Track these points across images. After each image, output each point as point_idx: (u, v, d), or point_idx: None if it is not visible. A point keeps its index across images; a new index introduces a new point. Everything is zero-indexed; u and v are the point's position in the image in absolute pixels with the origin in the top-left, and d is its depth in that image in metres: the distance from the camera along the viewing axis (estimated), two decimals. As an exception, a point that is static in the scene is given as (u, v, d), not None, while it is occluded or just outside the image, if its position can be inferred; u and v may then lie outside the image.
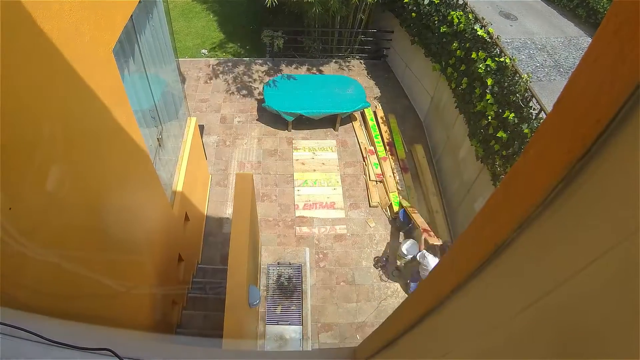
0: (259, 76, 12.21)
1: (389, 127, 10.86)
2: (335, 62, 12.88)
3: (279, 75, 11.42)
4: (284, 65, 12.61)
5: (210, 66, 12.44)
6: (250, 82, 12.03)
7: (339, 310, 7.99)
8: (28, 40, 2.41)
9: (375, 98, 11.85)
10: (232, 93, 11.69)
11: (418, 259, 7.65)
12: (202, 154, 8.76)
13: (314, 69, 12.58)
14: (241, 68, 12.41)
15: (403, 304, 1.57)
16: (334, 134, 10.87)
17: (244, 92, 11.74)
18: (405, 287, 8.32)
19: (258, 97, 11.53)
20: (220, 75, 12.17)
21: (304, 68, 12.59)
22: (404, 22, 10.82)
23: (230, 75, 12.18)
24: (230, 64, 12.54)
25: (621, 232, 0.55)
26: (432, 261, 7.42)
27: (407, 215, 8.74)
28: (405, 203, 9.03)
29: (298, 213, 9.25)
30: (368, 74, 12.68)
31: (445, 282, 1.09)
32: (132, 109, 4.32)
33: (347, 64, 12.88)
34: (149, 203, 5.38)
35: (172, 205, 6.25)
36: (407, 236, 8.77)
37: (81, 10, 3.03)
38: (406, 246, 7.95)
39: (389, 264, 8.55)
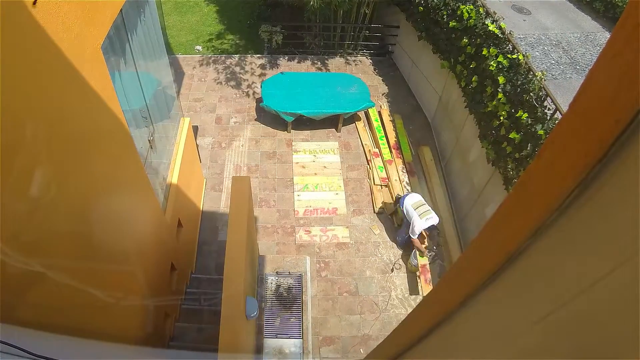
0: (257, 74, 12.23)
1: (395, 128, 10.86)
2: (338, 59, 12.90)
3: (278, 73, 11.43)
4: (283, 62, 12.63)
5: (205, 63, 12.46)
6: (247, 80, 12.05)
7: (342, 323, 7.97)
8: (12, 35, 2.41)
9: (380, 96, 11.86)
10: (228, 92, 11.71)
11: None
12: (196, 156, 8.77)
13: (315, 66, 12.60)
14: (238, 65, 12.44)
15: (410, 315, 1.56)
16: (336, 136, 10.88)
17: (241, 91, 11.76)
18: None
19: (255, 96, 11.55)
20: (216, 73, 12.19)
21: (305, 65, 12.61)
22: (410, 17, 10.84)
23: (226, 73, 12.20)
24: (226, 61, 12.57)
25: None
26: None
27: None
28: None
29: (298, 219, 9.25)
30: (372, 71, 12.70)
31: (454, 293, 1.09)
32: (122, 109, 4.33)
33: (351, 61, 12.90)
34: (140, 209, 5.38)
35: (164, 211, 6.25)
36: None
37: (69, 3, 3.04)
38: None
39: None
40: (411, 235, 8.02)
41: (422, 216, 7.89)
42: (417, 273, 8.26)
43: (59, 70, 3.05)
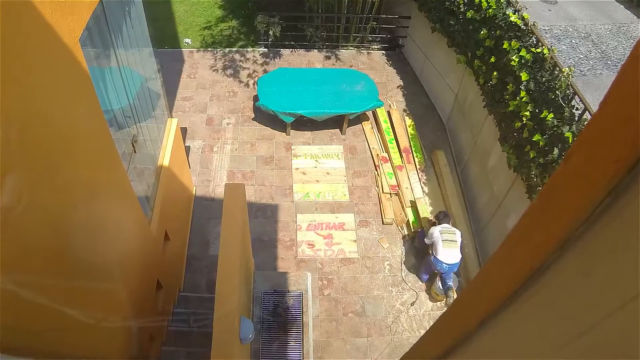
0: (253, 70, 12.27)
1: (406, 130, 10.87)
2: (343, 54, 12.94)
3: (276, 68, 11.45)
4: (282, 56, 12.68)
5: (195, 58, 12.51)
6: (242, 77, 12.09)
7: (347, 346, 7.94)
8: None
9: (390, 95, 11.88)
10: (221, 90, 11.75)
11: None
12: (185, 161, 8.78)
13: (316, 61, 12.63)
14: (231, 60, 12.48)
15: (423, 338, 1.56)
16: (340, 138, 10.89)
17: (235, 88, 11.79)
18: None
19: (251, 95, 11.57)
20: (207, 69, 12.24)
21: (305, 60, 12.66)
22: (423, 6, 10.87)
23: (219, 69, 12.24)
24: (218, 55, 12.62)
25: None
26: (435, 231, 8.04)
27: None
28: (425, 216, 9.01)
29: (298, 231, 9.25)
30: (381, 67, 12.73)
31: (472, 313, 1.08)
32: (102, 109, 4.34)
33: (357, 55, 12.93)
34: (122, 220, 5.38)
35: (149, 223, 6.25)
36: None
37: (44, -7, 3.06)
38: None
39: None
40: (425, 241, 8.14)
41: (445, 244, 7.85)
42: (444, 301, 8.29)
43: (31, 65, 3.05)
